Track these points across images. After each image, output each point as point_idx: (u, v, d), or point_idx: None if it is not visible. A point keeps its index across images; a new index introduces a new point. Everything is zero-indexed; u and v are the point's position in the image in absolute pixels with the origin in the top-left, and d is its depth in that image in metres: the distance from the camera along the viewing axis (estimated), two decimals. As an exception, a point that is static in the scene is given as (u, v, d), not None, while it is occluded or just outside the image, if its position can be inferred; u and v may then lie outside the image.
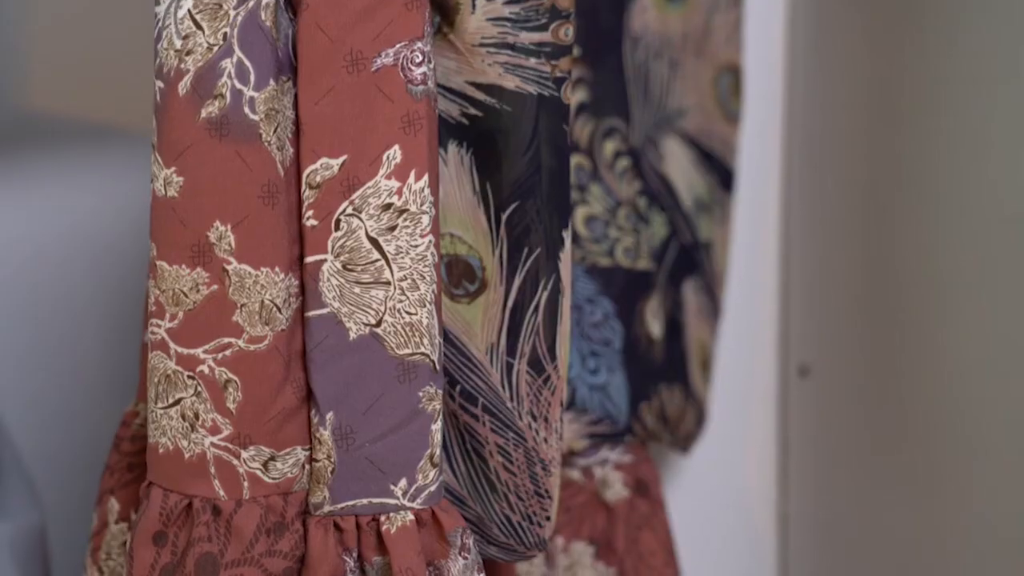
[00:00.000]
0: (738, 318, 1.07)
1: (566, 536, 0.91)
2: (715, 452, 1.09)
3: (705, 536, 1.02)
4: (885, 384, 0.95)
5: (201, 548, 0.67)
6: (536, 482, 0.74)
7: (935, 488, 0.89)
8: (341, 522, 0.68)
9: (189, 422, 0.67)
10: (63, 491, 0.94)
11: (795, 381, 1.08)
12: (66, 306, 0.95)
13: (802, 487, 1.08)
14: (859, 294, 1.00)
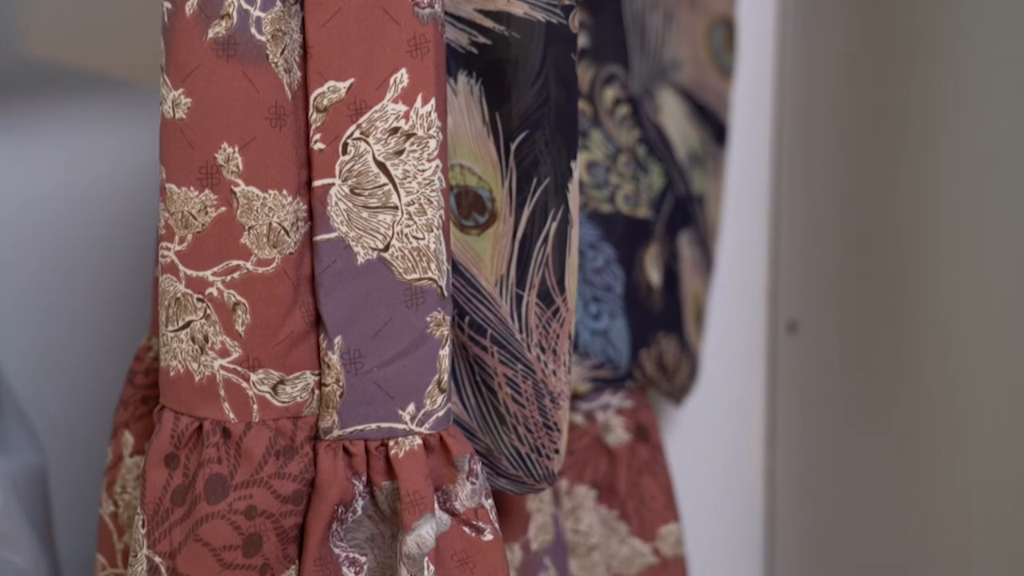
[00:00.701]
0: (728, 274, 1.07)
1: (569, 479, 0.91)
2: (704, 408, 1.09)
3: (693, 493, 1.02)
4: (874, 340, 0.95)
5: (211, 469, 0.66)
6: (545, 414, 0.74)
7: (923, 445, 0.89)
8: (350, 446, 0.68)
9: (199, 345, 0.67)
10: (65, 440, 0.94)
11: (784, 337, 1.08)
12: (68, 253, 0.95)
13: (790, 443, 1.08)
14: (849, 251, 1.00)
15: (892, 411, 0.93)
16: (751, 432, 1.11)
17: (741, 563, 1.12)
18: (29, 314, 0.93)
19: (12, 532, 0.79)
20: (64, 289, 0.94)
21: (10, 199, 0.91)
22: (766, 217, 1.09)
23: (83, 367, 0.93)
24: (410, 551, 0.68)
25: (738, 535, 1.12)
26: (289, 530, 0.68)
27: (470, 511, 0.69)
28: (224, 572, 0.67)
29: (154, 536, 0.67)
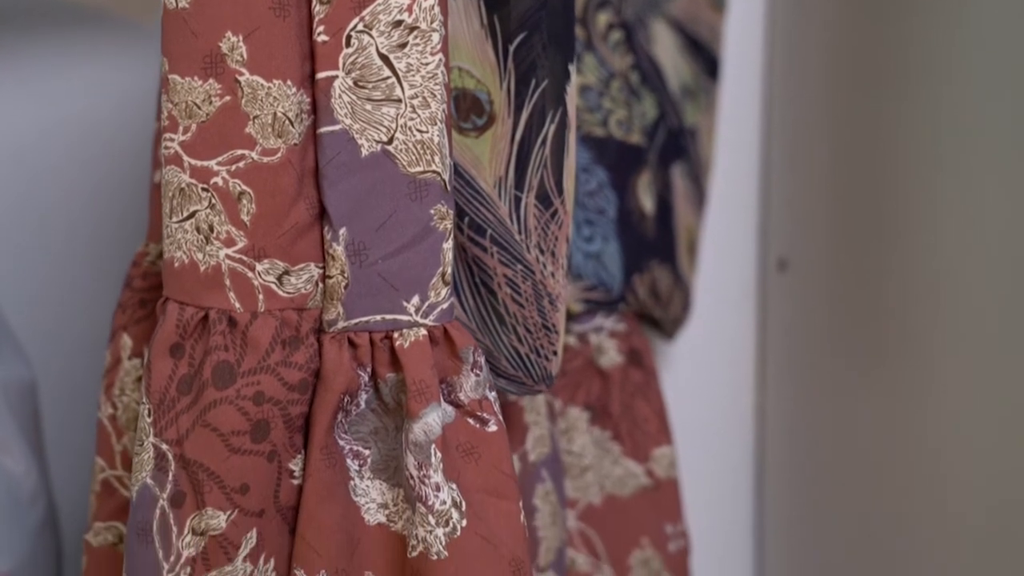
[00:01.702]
0: (718, 212, 1.08)
1: (563, 400, 0.91)
2: (695, 345, 1.10)
3: (685, 429, 1.02)
4: (864, 278, 0.96)
5: (217, 356, 0.67)
6: (544, 315, 0.74)
7: (912, 380, 0.90)
8: (355, 338, 0.68)
9: (203, 234, 0.67)
10: (64, 352, 0.94)
11: (774, 275, 1.09)
12: (64, 169, 0.95)
13: (780, 380, 1.09)
14: (839, 189, 1.01)
15: (881, 347, 0.93)
16: (741, 369, 1.12)
17: (731, 499, 1.12)
18: (26, 229, 0.93)
19: (3, 436, 0.79)
20: (58, 204, 0.94)
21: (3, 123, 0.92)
22: (756, 155, 1.10)
23: (80, 282, 0.93)
24: (417, 439, 0.68)
25: (729, 471, 1.12)
26: (296, 418, 0.68)
27: (474, 403, 0.70)
28: (232, 457, 0.67)
29: (160, 424, 0.67)
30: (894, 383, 0.92)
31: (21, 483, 0.80)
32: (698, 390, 1.10)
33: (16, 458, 0.80)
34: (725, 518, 1.12)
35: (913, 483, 0.89)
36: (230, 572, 0.67)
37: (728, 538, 1.12)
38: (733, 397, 1.12)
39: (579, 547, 0.91)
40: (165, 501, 0.67)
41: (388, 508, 0.70)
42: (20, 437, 0.81)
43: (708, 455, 1.10)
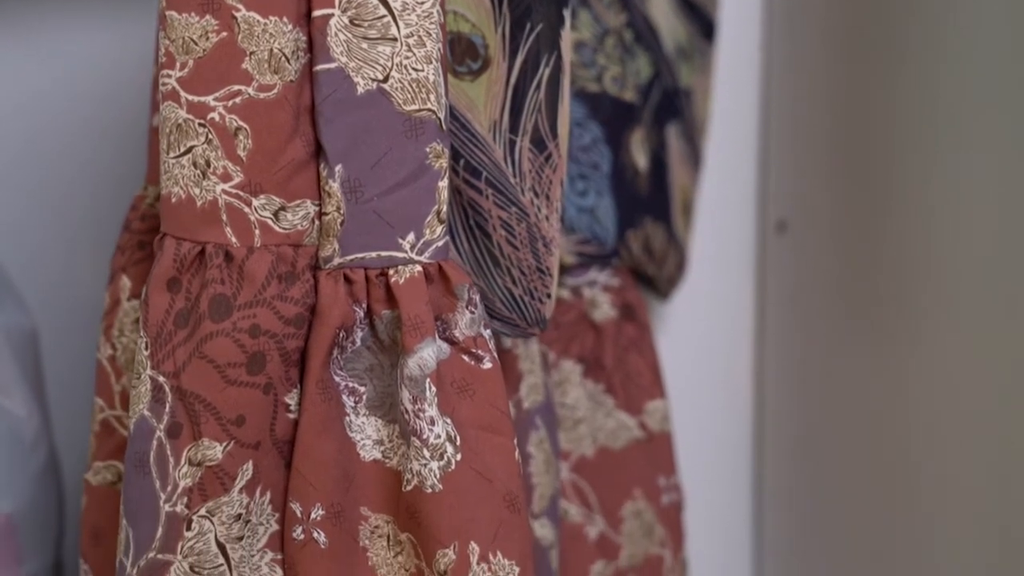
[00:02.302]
0: (717, 174, 1.09)
1: (556, 353, 0.92)
2: (693, 307, 1.10)
3: (682, 390, 1.03)
4: (863, 239, 0.96)
5: (214, 289, 0.67)
6: (538, 258, 0.75)
7: (911, 342, 0.90)
8: (351, 274, 0.69)
9: (200, 170, 0.67)
10: (56, 317, 0.94)
11: (773, 237, 1.09)
12: (62, 137, 0.95)
13: (779, 343, 1.09)
14: (837, 151, 1.01)
15: (880, 309, 0.94)
16: (740, 331, 1.12)
17: (730, 458, 1.13)
18: (26, 177, 0.94)
19: (5, 379, 0.79)
20: (57, 152, 0.95)
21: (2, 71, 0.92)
22: (755, 117, 1.11)
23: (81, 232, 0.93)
24: (412, 373, 0.69)
25: (727, 433, 1.13)
26: (292, 352, 0.69)
27: (469, 339, 0.70)
28: (228, 388, 0.67)
29: (158, 357, 0.67)
30: (893, 344, 0.92)
31: (23, 427, 0.81)
32: (696, 352, 1.11)
33: (18, 402, 0.80)
34: (723, 478, 1.12)
35: (912, 441, 0.90)
36: (226, 503, 0.68)
37: (726, 497, 1.12)
38: (731, 359, 1.13)
39: (571, 498, 0.92)
40: (162, 432, 0.67)
41: (383, 445, 0.70)
42: (22, 382, 0.82)
43: (706, 417, 1.11)
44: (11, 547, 0.79)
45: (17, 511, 0.79)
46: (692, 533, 1.01)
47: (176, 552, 0.67)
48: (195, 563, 0.67)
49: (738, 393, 1.13)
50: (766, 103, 1.09)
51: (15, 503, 0.79)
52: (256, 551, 0.69)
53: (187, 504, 0.67)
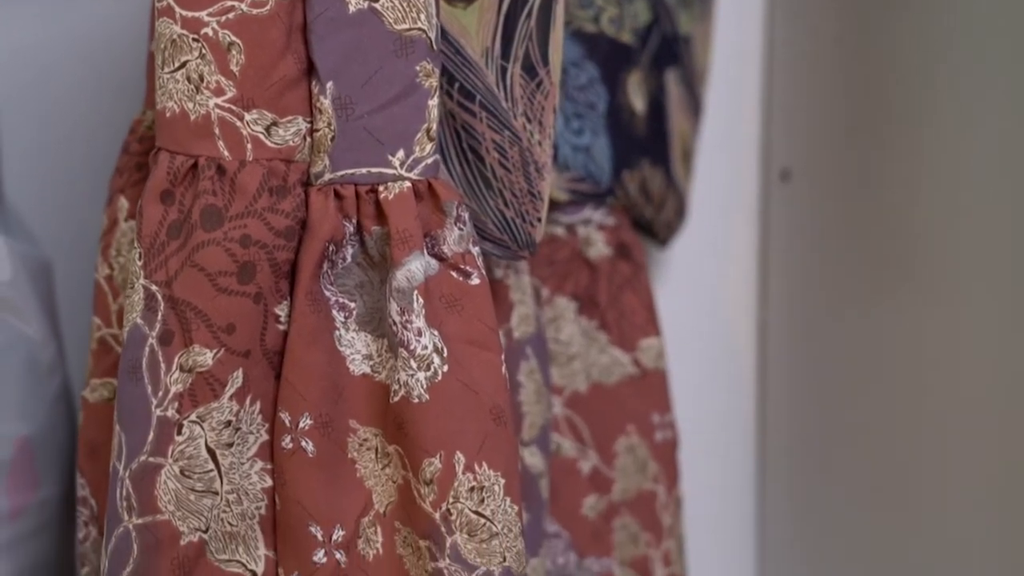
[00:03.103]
0: (720, 122, 1.09)
1: (550, 289, 0.93)
2: (696, 257, 1.11)
3: (685, 342, 1.03)
4: (865, 188, 0.96)
5: (206, 200, 0.69)
6: (530, 182, 0.76)
7: (913, 288, 0.90)
8: (341, 190, 0.70)
9: (194, 84, 0.69)
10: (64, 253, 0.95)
11: (776, 185, 1.10)
12: (63, 45, 0.96)
13: (781, 290, 1.10)
14: (841, 99, 1.01)
15: (884, 256, 0.94)
16: (743, 279, 1.13)
17: (732, 406, 1.13)
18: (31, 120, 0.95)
19: (22, 304, 0.79)
20: (61, 83, 0.96)
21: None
22: (758, 64, 1.11)
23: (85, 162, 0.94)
24: (400, 285, 0.70)
25: (729, 385, 1.13)
26: (281, 264, 0.70)
27: (458, 256, 0.72)
28: (219, 297, 0.69)
29: (151, 267, 0.69)
30: (896, 291, 0.92)
31: (40, 353, 0.81)
32: (699, 301, 1.11)
33: (35, 327, 0.81)
34: (727, 428, 1.13)
35: (916, 388, 0.90)
36: (216, 409, 0.69)
37: (728, 446, 1.13)
38: (734, 308, 1.13)
39: (565, 433, 0.93)
40: (154, 339, 0.68)
41: (372, 359, 0.71)
42: (39, 309, 0.82)
43: (708, 365, 1.11)
44: (28, 470, 0.80)
45: (33, 435, 0.80)
46: (693, 477, 1.02)
47: (167, 456, 0.68)
48: (185, 467, 0.68)
49: (741, 341, 1.13)
50: (769, 51, 1.10)
51: (32, 427, 0.80)
52: (246, 459, 0.70)
53: (178, 409, 0.68)
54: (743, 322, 1.13)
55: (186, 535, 0.68)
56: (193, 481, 0.69)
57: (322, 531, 0.70)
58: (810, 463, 1.04)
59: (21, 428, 0.79)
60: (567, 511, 0.92)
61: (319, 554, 0.70)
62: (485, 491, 0.69)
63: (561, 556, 0.92)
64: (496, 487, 0.70)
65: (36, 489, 0.80)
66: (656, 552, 0.94)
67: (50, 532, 0.83)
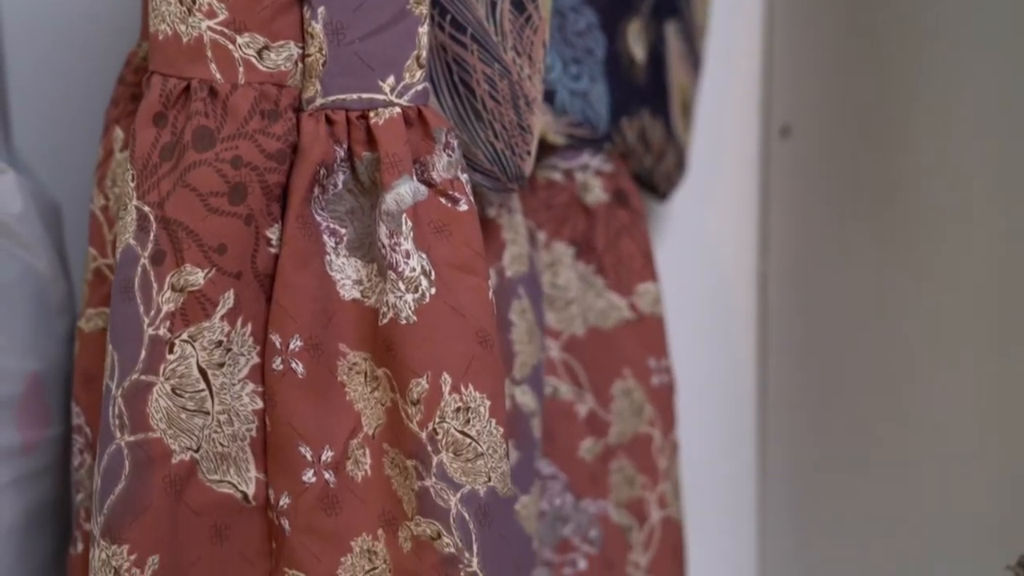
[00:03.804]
0: (721, 78, 1.10)
1: (548, 233, 0.94)
2: (696, 212, 1.12)
3: (684, 295, 1.04)
4: (865, 144, 0.97)
5: (198, 121, 0.70)
6: (519, 115, 0.77)
7: (913, 244, 0.90)
8: (332, 115, 0.71)
9: (186, 6, 0.70)
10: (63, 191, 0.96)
11: (777, 141, 1.10)
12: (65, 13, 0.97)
13: (781, 245, 1.10)
14: (842, 55, 1.01)
15: (883, 212, 0.94)
16: (744, 234, 1.13)
17: (732, 363, 1.14)
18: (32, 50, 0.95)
19: (32, 240, 0.80)
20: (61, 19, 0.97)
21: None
22: (759, 21, 1.12)
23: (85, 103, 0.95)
24: (389, 208, 0.71)
25: (730, 339, 1.14)
26: (273, 187, 0.71)
27: (446, 182, 0.72)
28: (210, 216, 0.70)
29: (143, 188, 0.70)
30: (895, 246, 0.93)
31: (50, 290, 0.82)
32: (700, 255, 1.12)
33: (45, 264, 0.81)
34: (727, 380, 1.13)
35: (914, 341, 0.90)
36: (208, 328, 0.70)
37: (726, 400, 1.14)
38: (735, 262, 1.14)
39: (562, 376, 0.93)
40: (146, 259, 0.70)
41: (363, 284, 0.72)
42: (49, 247, 0.83)
43: (708, 320, 1.11)
44: (40, 405, 0.80)
45: (44, 372, 0.81)
46: (692, 428, 1.02)
47: (159, 374, 0.69)
48: (177, 386, 0.70)
49: (740, 296, 1.14)
50: (769, 7, 1.10)
51: (42, 364, 0.81)
52: (237, 380, 0.71)
53: (169, 328, 0.69)
54: (743, 277, 1.13)
55: (177, 453, 0.69)
56: (184, 400, 0.70)
57: (311, 452, 0.71)
58: (809, 412, 1.04)
59: (32, 364, 0.80)
60: (564, 453, 0.93)
61: (308, 474, 0.71)
62: (471, 412, 0.70)
63: (558, 498, 0.93)
64: (482, 408, 0.70)
65: (47, 426, 0.81)
66: (651, 494, 0.94)
67: (61, 469, 0.83)
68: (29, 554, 0.80)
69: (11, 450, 0.78)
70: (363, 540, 0.71)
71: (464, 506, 0.70)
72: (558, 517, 0.93)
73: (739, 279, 1.14)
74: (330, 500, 0.71)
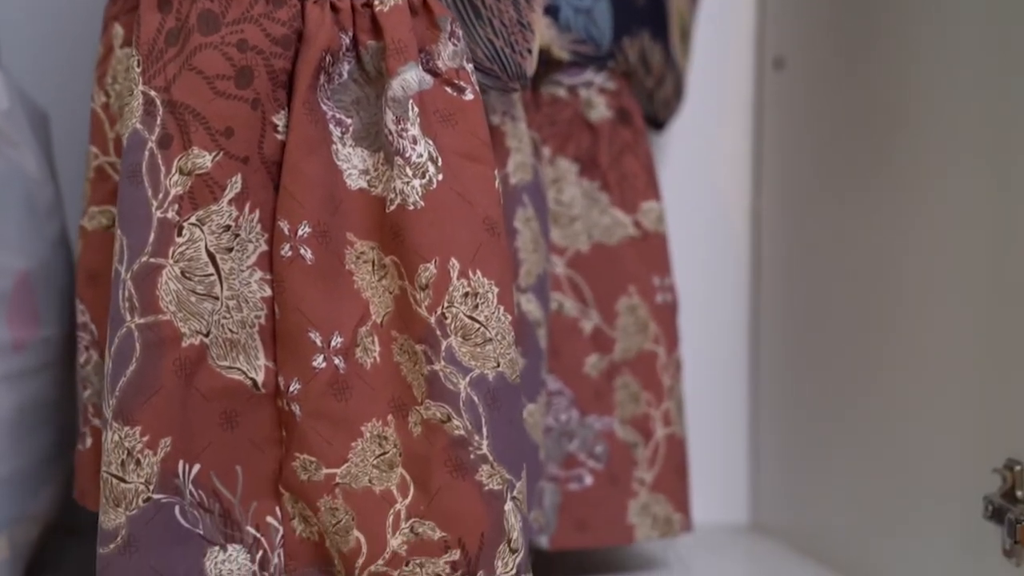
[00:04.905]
0: (715, 10, 1.10)
1: (552, 149, 0.94)
2: (690, 147, 1.12)
3: (680, 232, 1.04)
4: (859, 77, 0.97)
5: (203, 5, 0.70)
6: (519, 11, 0.77)
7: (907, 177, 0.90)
8: (337, 3, 0.72)
9: None
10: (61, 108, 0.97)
11: (770, 74, 1.10)
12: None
13: (774, 177, 1.10)
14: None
15: (876, 144, 0.95)
16: (737, 167, 1.14)
17: (726, 299, 1.14)
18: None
19: (19, 138, 0.80)
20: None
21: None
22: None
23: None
24: (395, 94, 0.71)
25: (725, 279, 1.14)
26: (278, 72, 0.71)
27: (452, 71, 0.73)
28: (217, 100, 0.70)
29: (149, 73, 0.70)
30: (889, 180, 0.93)
31: (38, 192, 0.82)
32: (693, 188, 1.12)
33: (33, 166, 0.82)
34: (722, 319, 1.14)
35: (903, 279, 0.91)
36: (216, 212, 0.70)
37: (724, 331, 1.14)
38: (727, 194, 1.14)
39: (567, 293, 0.94)
40: (153, 143, 0.70)
41: (369, 174, 0.73)
42: (36, 148, 0.83)
43: (702, 262, 1.12)
44: (30, 303, 0.81)
45: (33, 272, 0.81)
46: (685, 353, 1.03)
47: (168, 257, 0.70)
48: (186, 268, 0.70)
49: (734, 228, 1.14)
50: (764, -61, 1.11)
51: (31, 263, 0.81)
52: (246, 267, 0.72)
53: (178, 211, 0.70)
54: (736, 206, 1.14)
55: (187, 337, 0.70)
56: (194, 283, 0.70)
57: (321, 337, 0.71)
58: (801, 336, 1.04)
59: (20, 262, 0.80)
60: (569, 369, 0.93)
61: (318, 359, 0.71)
62: (479, 297, 0.70)
63: (564, 413, 0.93)
64: (490, 295, 0.71)
65: (36, 327, 0.81)
66: (656, 411, 0.95)
67: (52, 372, 0.84)
68: (25, 451, 0.80)
69: (2, 346, 0.78)
70: (373, 426, 0.71)
71: (473, 389, 0.70)
72: (564, 432, 0.93)
73: (731, 210, 1.14)
74: (340, 385, 0.71)
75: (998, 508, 0.77)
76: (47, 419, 0.83)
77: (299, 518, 0.72)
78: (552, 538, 0.92)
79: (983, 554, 0.80)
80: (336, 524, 0.71)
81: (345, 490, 0.71)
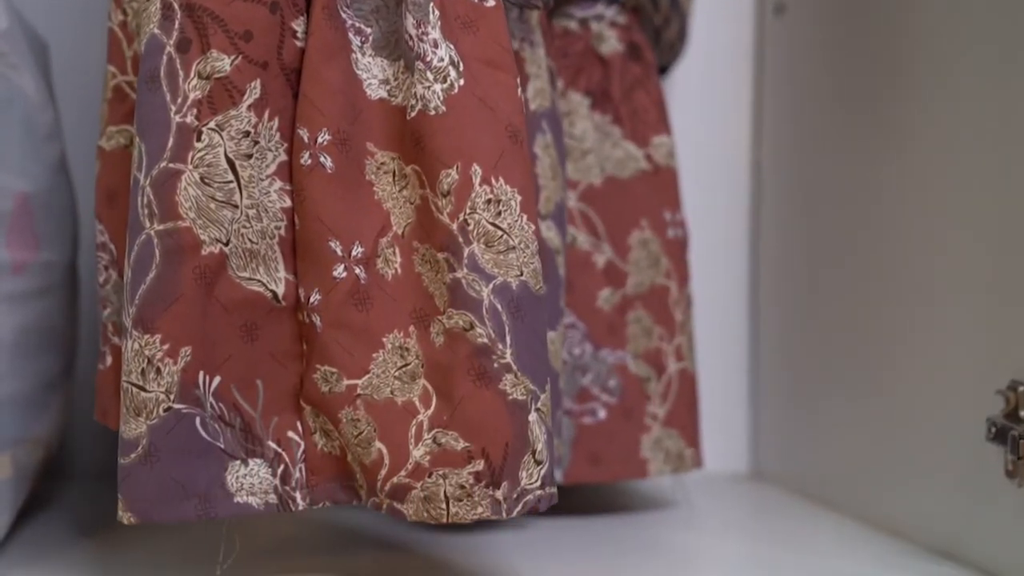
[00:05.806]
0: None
1: (565, 81, 0.93)
2: (690, 94, 1.12)
3: (682, 170, 1.04)
4: (860, 23, 0.97)
5: None
6: None
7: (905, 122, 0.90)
8: None
9: None
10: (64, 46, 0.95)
11: (771, 19, 1.10)
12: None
13: (775, 121, 1.10)
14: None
15: (878, 90, 0.94)
16: (738, 111, 1.13)
17: (726, 252, 1.14)
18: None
19: (18, 60, 0.79)
20: None
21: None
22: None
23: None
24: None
25: (725, 224, 1.14)
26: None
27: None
28: (235, 2, 0.69)
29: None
30: (888, 125, 0.93)
31: (37, 115, 0.81)
32: (696, 131, 1.12)
33: (32, 89, 0.81)
34: (721, 265, 1.13)
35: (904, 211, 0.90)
36: (235, 117, 0.69)
37: (723, 278, 1.14)
38: (729, 137, 1.14)
39: (580, 226, 0.93)
40: (171, 47, 0.69)
41: (389, 84, 0.72)
42: (35, 71, 0.82)
43: (704, 209, 1.11)
44: (28, 227, 0.80)
45: (32, 195, 0.80)
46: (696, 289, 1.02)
47: (187, 162, 0.68)
48: (205, 174, 0.69)
49: (735, 174, 1.14)
50: None
51: (31, 186, 0.80)
52: (265, 176, 0.71)
53: (197, 116, 0.69)
54: (738, 149, 1.13)
55: (207, 245, 0.69)
56: (213, 190, 0.69)
57: (342, 246, 0.70)
58: (801, 281, 1.04)
59: (20, 184, 0.79)
60: (582, 303, 0.93)
61: (339, 269, 0.70)
62: (502, 204, 0.70)
63: (577, 347, 0.92)
64: (512, 202, 0.70)
65: (36, 250, 0.80)
66: (669, 346, 0.94)
67: (54, 297, 0.83)
68: (28, 374, 0.79)
69: (2, 266, 0.77)
70: (395, 337, 0.70)
71: (496, 297, 0.69)
72: (577, 366, 0.92)
73: (734, 152, 1.14)
74: (361, 296, 0.70)
75: (1001, 428, 0.77)
76: (50, 345, 0.82)
77: (320, 432, 0.71)
78: (566, 472, 0.91)
79: (984, 482, 0.79)
80: (358, 436, 0.70)
81: (367, 401, 0.70)
